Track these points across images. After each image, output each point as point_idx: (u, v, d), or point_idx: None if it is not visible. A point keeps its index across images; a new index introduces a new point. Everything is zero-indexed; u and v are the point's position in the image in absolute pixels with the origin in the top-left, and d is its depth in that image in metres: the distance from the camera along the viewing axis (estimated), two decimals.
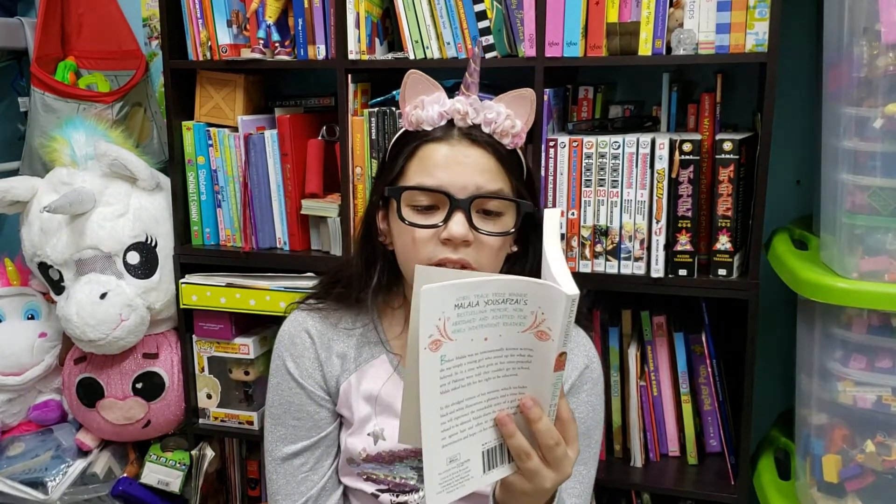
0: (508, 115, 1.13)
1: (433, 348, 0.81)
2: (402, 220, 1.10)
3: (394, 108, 1.62)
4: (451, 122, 1.12)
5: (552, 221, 0.95)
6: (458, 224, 1.07)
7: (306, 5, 1.65)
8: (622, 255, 1.54)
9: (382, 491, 1.20)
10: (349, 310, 1.24)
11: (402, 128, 1.18)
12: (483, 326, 0.83)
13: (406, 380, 0.87)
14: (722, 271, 1.52)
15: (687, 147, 1.48)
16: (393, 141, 1.19)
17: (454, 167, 1.09)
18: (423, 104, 1.13)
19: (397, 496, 1.20)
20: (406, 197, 1.11)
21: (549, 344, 0.85)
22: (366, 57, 1.63)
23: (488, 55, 1.57)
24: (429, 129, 1.12)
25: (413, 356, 0.83)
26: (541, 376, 0.87)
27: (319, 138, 1.75)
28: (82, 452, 1.93)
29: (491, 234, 1.10)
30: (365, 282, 1.20)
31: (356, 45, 1.63)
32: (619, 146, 1.51)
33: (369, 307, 1.20)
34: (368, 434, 1.20)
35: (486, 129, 1.12)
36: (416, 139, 1.13)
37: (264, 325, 1.88)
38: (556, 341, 0.84)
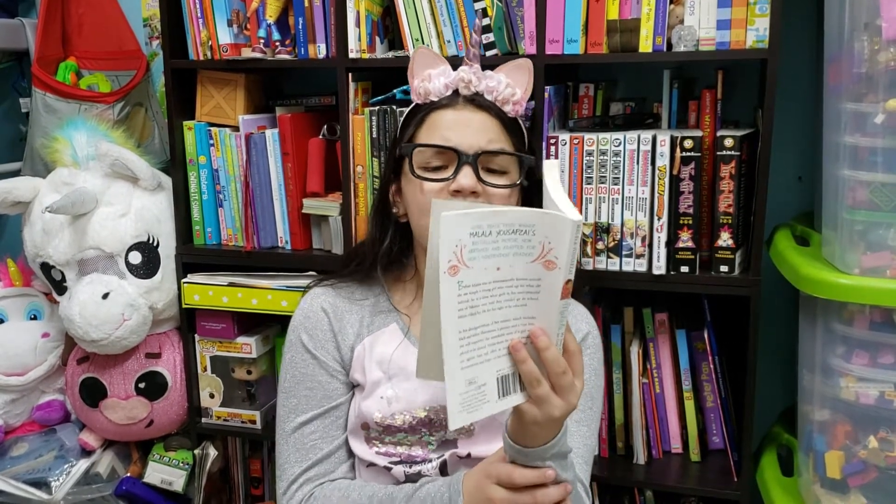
0: (508, 84, 1.23)
1: (451, 273, 0.85)
2: (415, 174, 1.18)
3: (394, 107, 1.61)
4: (456, 92, 1.23)
5: (552, 166, 1.00)
6: (465, 176, 1.16)
7: (306, 4, 1.65)
8: (624, 253, 1.54)
9: (395, 463, 1.22)
10: (361, 283, 1.31)
11: (413, 103, 1.27)
12: (495, 256, 0.87)
13: (424, 313, 0.91)
14: (723, 268, 1.52)
15: (688, 144, 1.48)
16: (404, 115, 1.30)
17: (461, 128, 1.19)
18: (430, 77, 1.24)
19: (410, 467, 1.21)
20: (417, 157, 1.20)
21: (556, 273, 0.89)
22: (366, 55, 1.63)
23: (489, 53, 1.57)
24: (436, 99, 1.23)
25: (432, 287, 0.87)
26: (548, 306, 0.91)
27: (320, 137, 1.75)
28: (86, 452, 1.94)
29: (497, 186, 1.18)
30: (377, 245, 1.28)
31: (356, 44, 1.63)
32: (619, 143, 1.51)
33: (379, 272, 1.28)
34: (382, 397, 1.22)
35: (488, 97, 1.22)
36: (425, 109, 1.24)
37: (266, 325, 1.89)
38: (563, 269, 0.88)
